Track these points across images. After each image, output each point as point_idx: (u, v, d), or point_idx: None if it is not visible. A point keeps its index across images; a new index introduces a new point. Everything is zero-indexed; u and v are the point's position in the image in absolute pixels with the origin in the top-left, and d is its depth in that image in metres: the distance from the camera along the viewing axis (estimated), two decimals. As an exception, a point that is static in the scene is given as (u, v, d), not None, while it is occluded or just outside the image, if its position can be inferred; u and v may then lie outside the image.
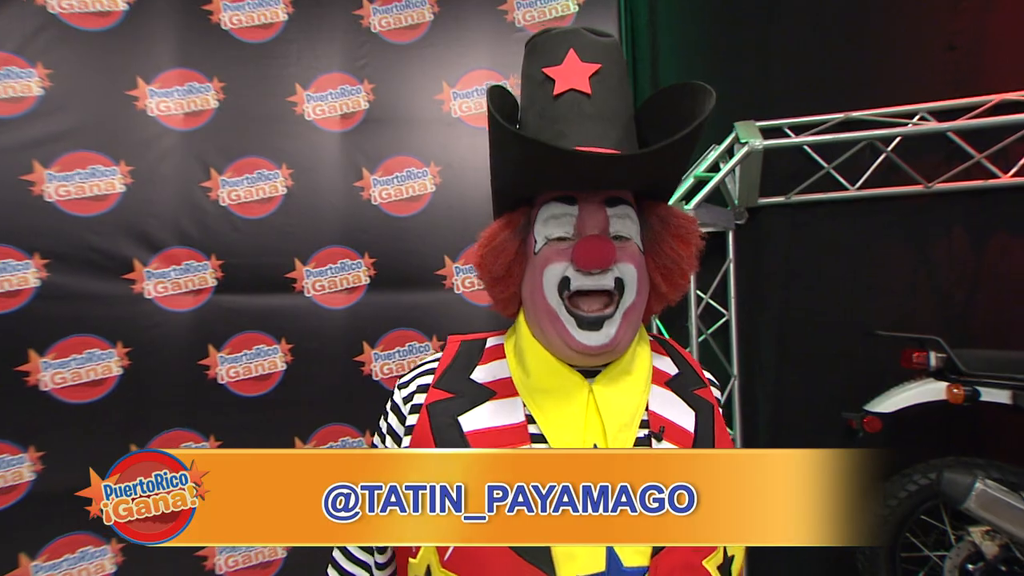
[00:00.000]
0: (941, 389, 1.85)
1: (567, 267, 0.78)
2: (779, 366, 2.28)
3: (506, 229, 0.84)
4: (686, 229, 0.84)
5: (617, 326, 0.78)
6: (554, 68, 0.81)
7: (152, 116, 2.31)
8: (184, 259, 2.27)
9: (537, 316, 0.81)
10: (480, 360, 0.86)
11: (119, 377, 2.16)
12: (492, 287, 0.86)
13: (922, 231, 2.17)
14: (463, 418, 0.79)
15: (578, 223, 0.79)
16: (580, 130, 0.79)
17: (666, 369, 0.86)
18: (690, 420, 0.81)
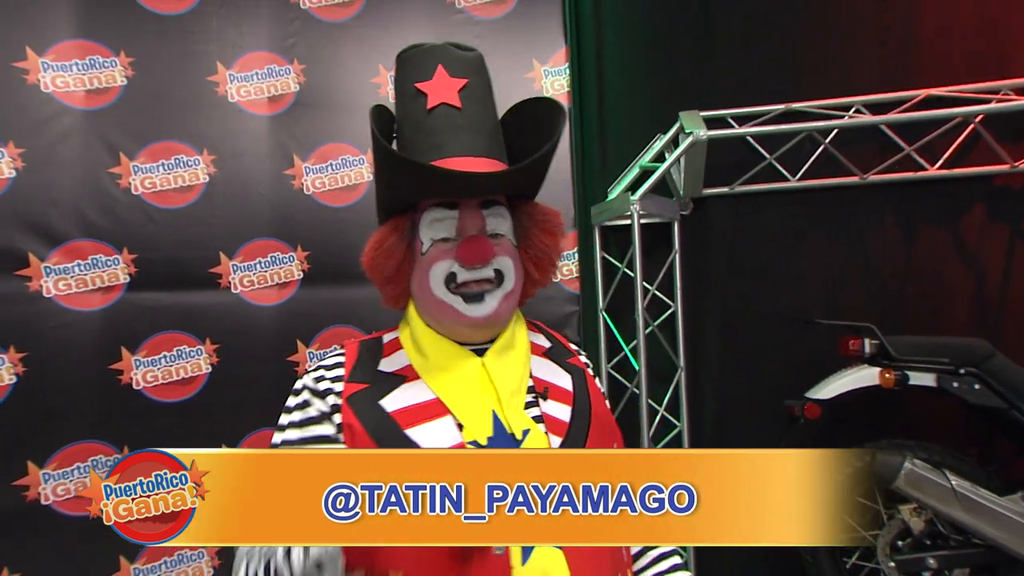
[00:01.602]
0: (874, 374, 1.91)
1: (452, 264, 0.89)
2: (723, 356, 2.30)
3: (394, 234, 0.93)
4: (551, 223, 0.97)
5: (498, 300, 0.89)
6: (426, 83, 0.91)
7: (47, 92, 2.06)
8: (90, 253, 2.04)
9: (428, 307, 0.92)
10: (383, 354, 0.94)
11: (12, 385, 1.93)
12: (384, 286, 0.96)
13: (858, 221, 2.23)
14: (383, 402, 0.86)
15: (459, 225, 0.90)
16: (455, 141, 0.90)
17: (541, 343, 1.00)
18: (568, 382, 0.94)
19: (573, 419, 0.89)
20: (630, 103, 2.37)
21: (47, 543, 1.90)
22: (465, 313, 0.88)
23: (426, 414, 0.85)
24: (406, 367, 0.91)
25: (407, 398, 0.87)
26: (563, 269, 2.40)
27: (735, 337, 2.29)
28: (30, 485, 1.93)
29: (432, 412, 0.86)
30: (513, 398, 0.87)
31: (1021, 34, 2.12)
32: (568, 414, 0.90)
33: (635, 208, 2.06)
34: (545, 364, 0.96)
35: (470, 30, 2.41)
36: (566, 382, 0.94)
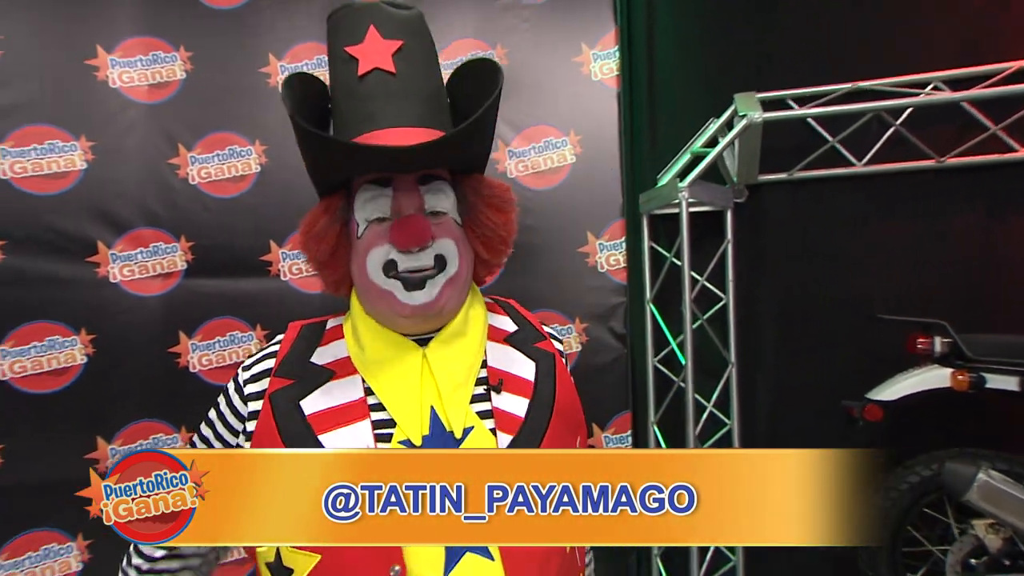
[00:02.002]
0: (945, 376, 1.76)
1: (390, 249, 0.80)
2: (778, 352, 2.18)
3: (325, 215, 0.85)
4: (500, 198, 0.88)
5: (439, 287, 0.81)
6: (356, 47, 0.82)
7: (114, 88, 2.16)
8: (152, 241, 2.15)
9: (367, 297, 0.84)
10: (320, 342, 0.87)
11: (83, 366, 2.05)
12: (320, 271, 0.88)
13: (932, 209, 2.04)
14: (304, 403, 0.81)
15: (393, 203, 0.82)
16: (389, 110, 0.81)
17: (503, 327, 0.92)
18: (530, 370, 0.87)
19: (529, 413, 0.82)
20: (683, 85, 2.26)
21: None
22: (404, 301, 0.80)
23: (344, 418, 0.79)
24: (339, 360, 0.84)
25: (329, 399, 0.81)
26: (609, 259, 2.33)
27: (791, 332, 2.16)
28: (100, 459, 2.06)
29: (351, 415, 0.80)
30: (456, 392, 0.80)
31: None
32: (524, 408, 0.82)
33: (683, 195, 1.97)
34: (504, 351, 0.88)
35: (517, 14, 2.37)
36: (527, 371, 0.87)
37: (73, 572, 2.00)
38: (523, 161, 2.33)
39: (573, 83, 2.36)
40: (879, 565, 1.84)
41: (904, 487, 1.80)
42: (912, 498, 1.81)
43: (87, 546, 2.02)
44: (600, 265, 2.33)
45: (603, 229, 2.34)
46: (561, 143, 2.35)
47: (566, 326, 2.29)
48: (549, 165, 2.35)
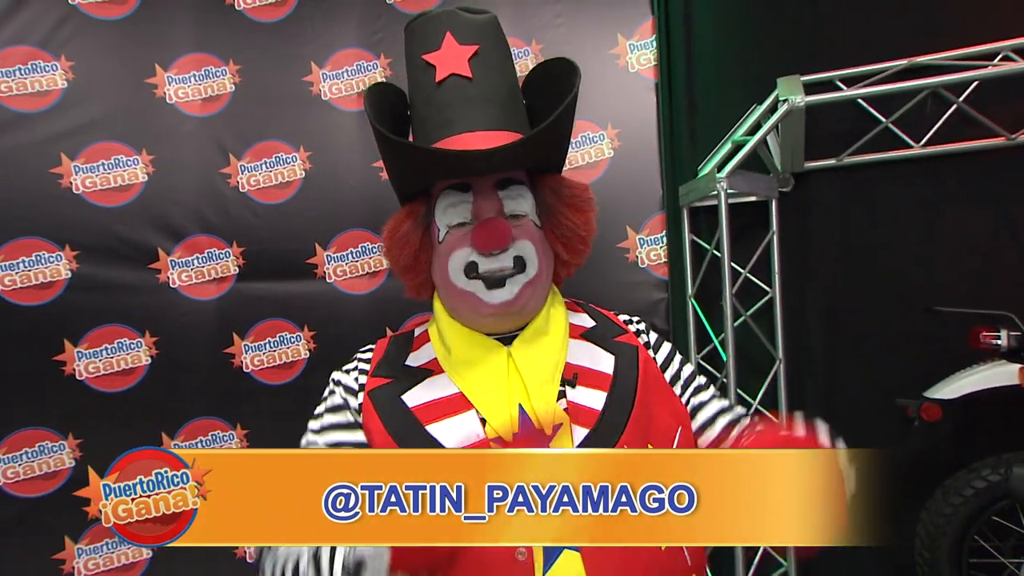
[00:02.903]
0: (1014, 372, 1.64)
1: (471, 252, 0.82)
2: (829, 348, 2.07)
3: (408, 220, 0.87)
4: (579, 198, 0.89)
5: (520, 286, 0.82)
6: (433, 54, 0.84)
7: (171, 103, 2.30)
8: (206, 247, 2.27)
9: (450, 299, 0.86)
10: (412, 348, 0.90)
11: (148, 366, 2.20)
12: (403, 276, 0.90)
13: (1001, 191, 1.89)
14: (405, 396, 0.83)
15: (473, 208, 0.83)
16: (466, 115, 0.83)
17: (582, 323, 0.92)
18: (609, 364, 0.86)
19: (607, 407, 0.81)
20: (724, 72, 2.18)
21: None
22: (485, 300, 0.82)
23: (449, 409, 0.81)
24: (432, 361, 0.87)
25: (430, 393, 0.83)
26: (650, 254, 2.28)
27: (842, 327, 2.05)
28: (165, 453, 2.19)
29: (456, 407, 0.81)
30: (543, 389, 0.80)
31: None
32: (602, 401, 0.82)
33: (721, 186, 1.90)
34: (582, 347, 0.88)
35: (551, 8, 2.35)
36: (606, 364, 0.86)
37: (145, 559, 2.15)
38: (560, 157, 2.31)
39: (610, 76, 2.32)
40: (941, 573, 1.72)
41: (969, 492, 1.68)
42: (978, 504, 1.68)
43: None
44: (640, 260, 2.29)
45: (643, 224, 2.29)
46: (599, 137, 2.32)
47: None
48: (587, 160, 2.32)
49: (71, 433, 2.14)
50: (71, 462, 2.13)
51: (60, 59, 2.22)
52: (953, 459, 1.76)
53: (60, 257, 2.17)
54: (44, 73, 2.22)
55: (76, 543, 2.10)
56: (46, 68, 2.22)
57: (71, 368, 2.15)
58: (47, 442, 2.12)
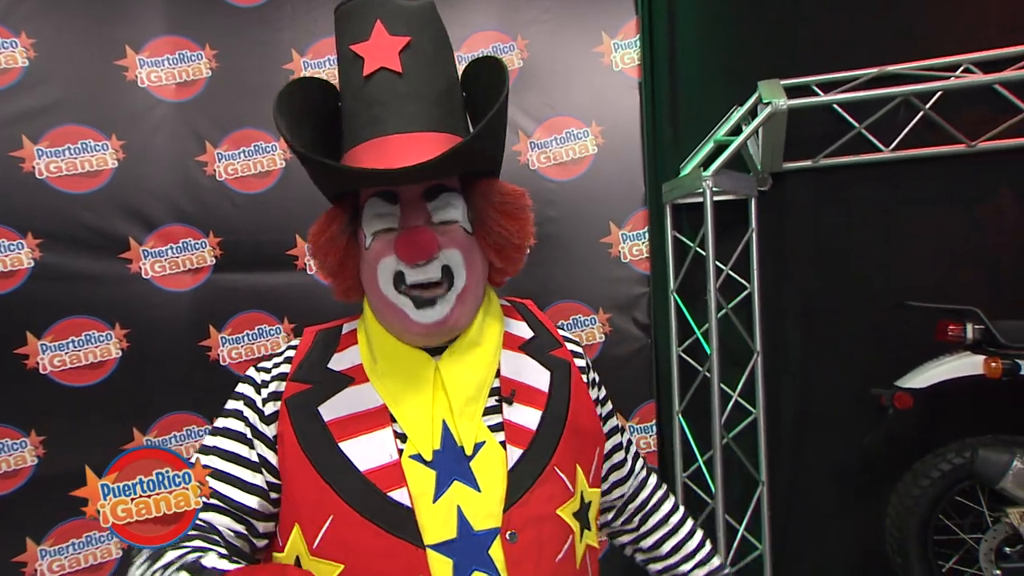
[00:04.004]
0: (978, 363, 1.74)
1: (398, 260, 0.78)
2: (805, 341, 2.17)
3: (333, 224, 0.83)
4: (512, 204, 0.84)
5: (450, 306, 0.79)
6: (362, 44, 0.78)
7: (143, 87, 2.20)
8: (181, 237, 2.19)
9: (378, 307, 0.82)
10: (337, 348, 0.85)
11: (118, 359, 2.11)
12: (330, 280, 0.86)
13: (963, 195, 2.02)
14: (322, 408, 0.79)
15: (401, 219, 0.79)
16: (396, 114, 0.77)
17: (520, 333, 0.89)
18: (545, 380, 0.84)
19: (542, 426, 0.80)
20: (705, 73, 2.25)
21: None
22: (415, 319, 0.78)
23: (365, 425, 0.77)
24: (356, 367, 0.82)
25: (348, 405, 0.79)
26: (632, 249, 2.33)
27: (818, 320, 2.14)
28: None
29: (372, 423, 0.78)
30: (468, 406, 0.78)
31: None
32: (537, 420, 0.80)
33: (707, 184, 1.96)
34: (519, 360, 0.85)
35: (538, 5, 2.37)
36: (542, 381, 0.84)
37: (114, 559, 2.06)
38: (545, 152, 2.34)
39: (594, 73, 2.35)
40: (909, 553, 1.83)
41: (935, 475, 1.79)
42: (944, 486, 1.79)
43: (126, 534, 2.08)
44: (623, 255, 2.33)
45: (626, 219, 2.34)
46: (583, 134, 2.35)
47: (589, 316, 2.30)
48: (571, 156, 2.35)
49: (33, 430, 2.03)
50: (33, 460, 2.02)
51: (20, 35, 2.10)
52: (922, 444, 1.87)
53: (22, 245, 2.06)
54: (2, 50, 2.10)
55: (39, 544, 2.00)
56: (5, 44, 2.10)
57: (34, 362, 2.04)
58: (7, 439, 2.01)
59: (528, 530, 0.75)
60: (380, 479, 0.74)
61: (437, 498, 0.74)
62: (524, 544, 0.74)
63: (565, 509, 0.78)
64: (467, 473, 0.75)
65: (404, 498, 0.73)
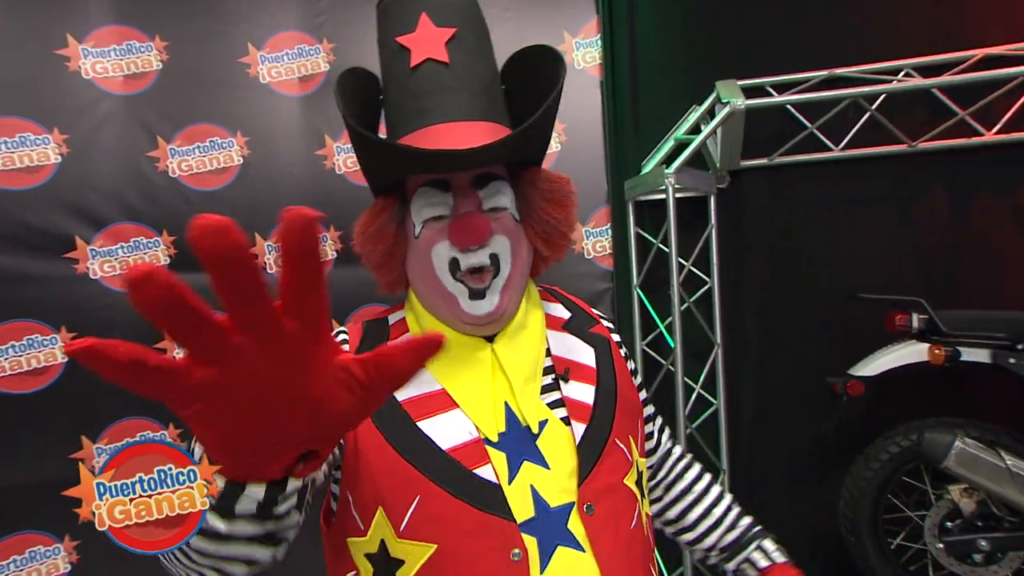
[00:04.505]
0: (923, 350, 1.84)
1: (451, 247, 0.79)
2: (763, 332, 2.25)
3: (382, 214, 0.83)
4: (560, 192, 0.85)
5: (498, 295, 0.80)
6: (408, 36, 0.79)
7: (87, 79, 2.10)
8: (132, 235, 2.10)
9: (430, 295, 0.82)
10: (388, 337, 0.85)
11: (65, 364, 2.00)
12: (376, 272, 0.86)
13: (906, 192, 2.13)
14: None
15: (453, 205, 0.80)
16: (443, 104, 0.78)
17: (559, 314, 0.91)
18: (591, 356, 0.87)
19: (597, 401, 0.82)
20: (665, 73, 2.30)
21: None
22: (467, 311, 0.79)
23: (437, 405, 0.78)
24: None
25: (417, 387, 0.78)
26: (596, 245, 2.36)
27: (774, 313, 2.23)
28: (85, 458, 2.01)
29: (443, 404, 0.78)
30: (527, 385, 0.80)
31: (1090, -14, 1.97)
32: (592, 395, 0.82)
33: (670, 182, 2.01)
34: (565, 339, 0.87)
35: (499, 3, 2.37)
36: (588, 357, 0.87)
37: (61, 574, 1.96)
38: (509, 150, 2.34)
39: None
40: (861, 532, 1.92)
41: (885, 457, 1.89)
42: (893, 467, 1.89)
43: (74, 547, 1.98)
44: (587, 252, 2.36)
45: (589, 216, 2.37)
46: (546, 132, 2.37)
47: (555, 313, 2.32)
48: (534, 154, 2.36)
49: (-28, 441, 1.91)
50: (-27, 474, 1.90)
51: (-52, 21, 1.97)
52: (872, 428, 1.97)
53: (-45, 245, 1.93)
54: (-72, 36, 1.96)
55: (-20, 563, 1.88)
56: (-66, 31, 1.96)
57: (-30, 369, 1.92)
58: (-58, 452, 1.88)
59: (603, 501, 0.76)
60: (464, 457, 0.74)
61: (511, 479, 0.74)
62: (602, 515, 0.76)
63: (629, 478, 0.81)
64: (535, 452, 0.76)
65: (490, 475, 0.74)
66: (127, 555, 1.70)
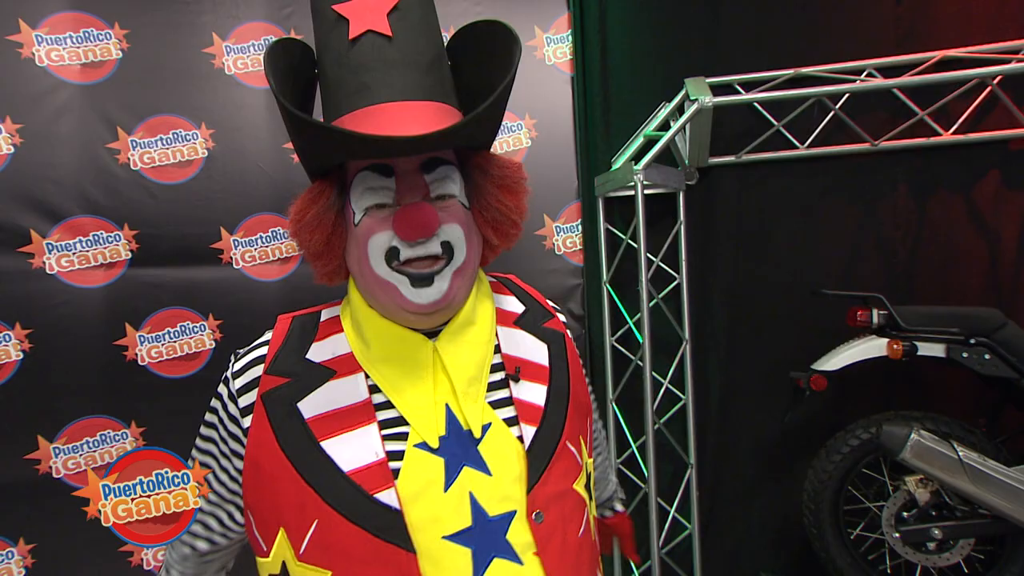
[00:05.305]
0: (882, 345, 1.88)
1: (392, 236, 0.73)
2: (730, 328, 2.28)
3: (319, 200, 0.76)
4: (511, 178, 0.80)
5: (448, 281, 0.74)
6: (345, 4, 0.72)
7: (41, 66, 2.03)
8: (91, 229, 2.04)
9: (368, 288, 0.76)
10: (316, 337, 0.79)
11: (19, 361, 1.94)
12: (314, 262, 0.79)
13: (868, 189, 2.18)
14: (302, 404, 0.74)
15: (397, 193, 0.74)
16: (386, 81, 0.72)
17: (512, 308, 0.86)
18: (543, 354, 0.83)
19: (548, 401, 0.78)
20: (635, 70, 2.31)
21: (59, 515, 1.94)
22: (411, 299, 0.73)
23: (348, 422, 0.73)
24: (339, 357, 0.77)
25: (330, 400, 0.74)
26: (566, 241, 2.37)
27: (741, 309, 2.26)
28: (41, 459, 1.96)
29: (356, 418, 0.73)
30: (471, 387, 0.75)
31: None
32: (543, 396, 0.78)
33: (639, 178, 2.02)
34: (515, 336, 0.82)
35: (470, -4, 2.35)
36: (541, 355, 0.82)
37: (19, 577, 1.91)
38: (480, 145, 2.33)
39: (528, 67, 2.36)
40: (823, 523, 1.96)
41: (846, 450, 1.93)
42: (853, 460, 1.93)
43: (29, 550, 1.93)
44: (557, 248, 2.37)
45: (559, 212, 2.37)
46: (516, 127, 2.36)
47: (526, 309, 2.32)
48: (505, 149, 2.35)
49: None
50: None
51: None
52: (834, 422, 2.01)
53: (-97, 238, 1.86)
54: None
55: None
56: None
57: (-80, 367, 1.85)
58: None
59: (552, 508, 0.74)
60: (365, 480, 0.70)
61: (448, 487, 0.71)
62: (550, 523, 0.73)
63: (579, 483, 0.78)
64: (476, 457, 0.72)
65: (392, 499, 0.69)
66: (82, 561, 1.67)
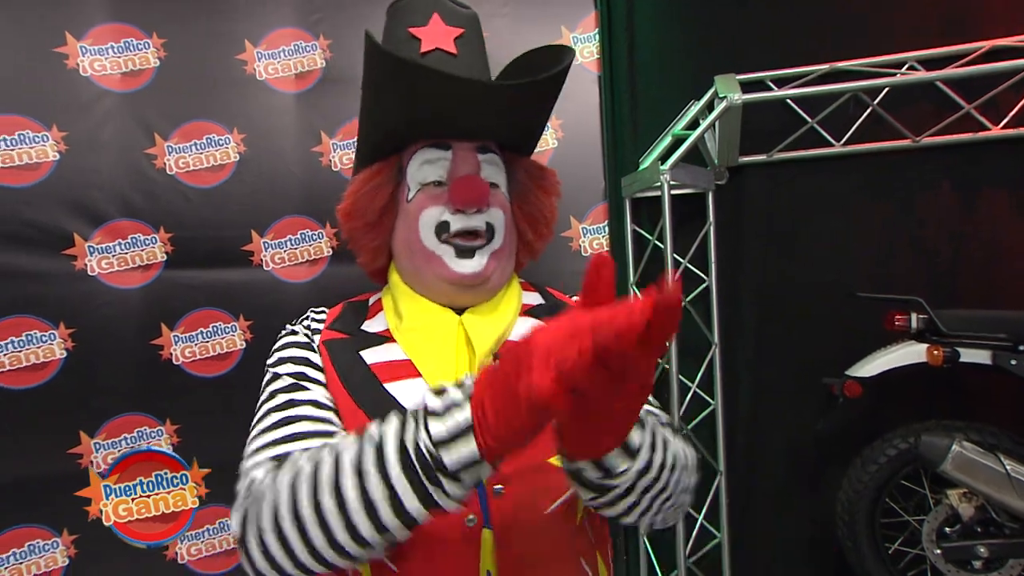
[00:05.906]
0: (921, 351, 1.80)
1: (443, 211, 0.82)
2: (760, 331, 2.21)
3: (377, 176, 0.87)
4: (549, 181, 0.94)
5: (487, 257, 0.83)
6: (419, 28, 0.85)
7: (86, 76, 2.11)
8: (130, 232, 2.11)
9: (414, 260, 0.85)
10: (367, 315, 0.91)
11: (63, 360, 2.03)
12: (363, 235, 0.90)
13: (909, 188, 2.08)
14: (364, 353, 0.83)
15: (452, 167, 0.84)
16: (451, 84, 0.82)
17: (532, 301, 0.94)
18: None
19: None
20: (664, 69, 2.27)
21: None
22: (453, 268, 0.82)
23: (403, 372, 0.81)
24: (387, 330, 0.87)
25: (387, 354, 0.83)
26: (592, 243, 2.34)
27: (772, 312, 2.19)
28: (83, 453, 2.03)
29: (408, 371, 0.81)
30: (488, 360, 0.81)
31: (1103, -25, 1.91)
32: None
33: (665, 178, 1.98)
34: (528, 322, 0.90)
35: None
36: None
37: (59, 568, 1.98)
38: (505, 146, 2.33)
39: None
40: (858, 536, 1.89)
41: (883, 460, 1.85)
42: (891, 470, 1.85)
43: (72, 541, 2.00)
44: (584, 249, 2.34)
45: (586, 213, 2.34)
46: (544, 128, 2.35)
47: (551, 311, 2.30)
48: (531, 150, 2.34)
49: (-25, 436, 1.94)
50: (-32, 468, 1.93)
51: (-48, 20, 1.99)
52: (870, 431, 1.93)
53: (-46, 242, 1.96)
54: (-69, 35, 1.99)
55: (-21, 557, 1.91)
56: (-66, 30, 1.99)
57: (-30, 364, 1.95)
58: (-53, 447, 1.91)
59: (515, 482, 0.76)
60: None
61: None
62: (512, 496, 0.75)
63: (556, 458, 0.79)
64: None
65: None
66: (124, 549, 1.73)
